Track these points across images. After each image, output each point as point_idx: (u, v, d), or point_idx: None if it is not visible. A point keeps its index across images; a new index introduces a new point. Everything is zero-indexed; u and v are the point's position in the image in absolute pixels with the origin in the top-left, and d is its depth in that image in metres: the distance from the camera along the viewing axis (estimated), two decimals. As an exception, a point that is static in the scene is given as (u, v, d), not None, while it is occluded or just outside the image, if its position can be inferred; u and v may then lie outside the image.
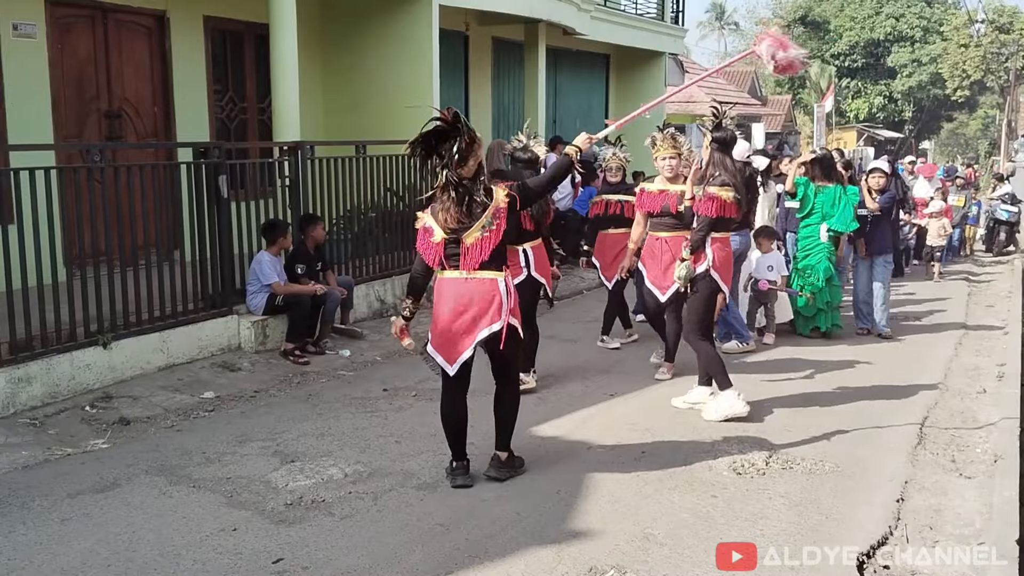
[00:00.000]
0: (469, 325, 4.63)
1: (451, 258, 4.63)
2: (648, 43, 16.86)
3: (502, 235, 4.62)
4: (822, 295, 8.59)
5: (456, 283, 4.65)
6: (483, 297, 4.62)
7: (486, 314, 4.62)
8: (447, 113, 4.51)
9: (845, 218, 8.62)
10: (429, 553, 4.08)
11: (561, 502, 4.68)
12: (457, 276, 4.64)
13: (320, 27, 11.02)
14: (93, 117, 8.76)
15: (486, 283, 4.63)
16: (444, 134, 4.49)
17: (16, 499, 4.62)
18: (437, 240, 4.62)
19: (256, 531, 4.29)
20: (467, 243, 4.58)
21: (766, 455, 5.32)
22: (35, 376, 5.92)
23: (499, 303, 4.63)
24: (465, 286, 4.63)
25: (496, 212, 4.59)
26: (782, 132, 32.60)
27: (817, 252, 8.64)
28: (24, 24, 8.02)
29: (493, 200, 4.61)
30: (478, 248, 4.57)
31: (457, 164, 4.50)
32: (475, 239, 4.57)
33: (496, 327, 4.61)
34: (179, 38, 9.45)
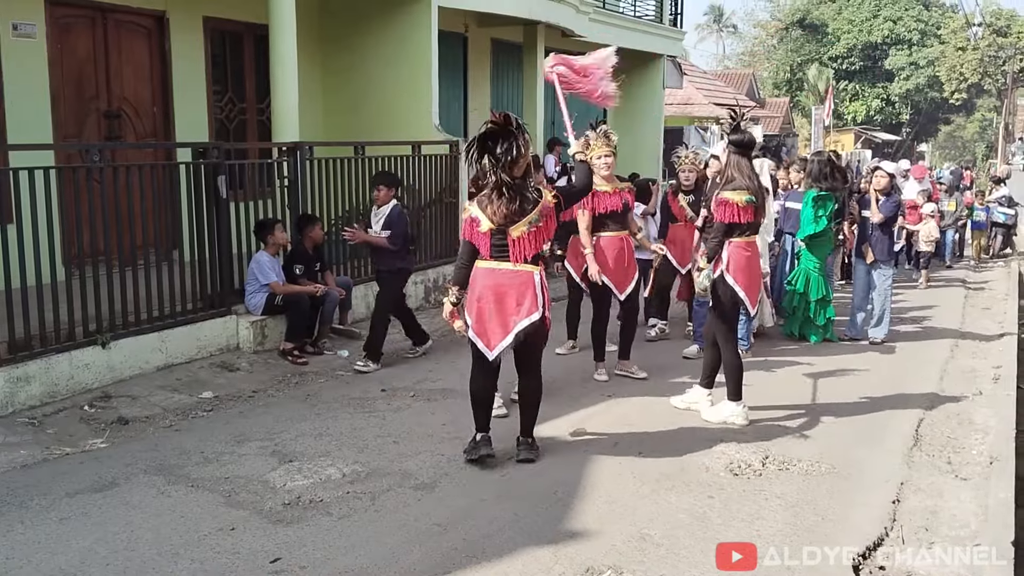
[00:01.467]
0: (509, 314, 4.89)
1: (496, 248, 4.87)
2: (646, 45, 16.87)
3: (550, 233, 4.96)
4: (806, 305, 8.48)
5: (496, 274, 4.89)
6: (521, 289, 4.88)
7: (523, 304, 4.88)
8: (499, 116, 4.73)
9: (804, 223, 8.43)
10: (427, 553, 4.10)
11: (558, 502, 4.69)
12: (497, 267, 4.89)
13: (319, 28, 11.04)
14: (92, 117, 8.77)
15: (523, 275, 4.89)
16: (496, 136, 4.70)
17: (15, 498, 4.63)
18: (484, 230, 4.86)
19: (254, 531, 4.30)
20: (513, 236, 4.83)
21: (762, 456, 5.34)
22: (34, 375, 5.92)
23: (535, 294, 4.89)
24: (505, 276, 4.89)
25: (544, 210, 4.86)
26: (780, 134, 32.63)
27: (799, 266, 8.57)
28: (24, 24, 8.03)
29: (543, 199, 4.88)
30: (526, 242, 4.84)
31: (510, 164, 4.71)
32: (521, 233, 4.82)
33: (536, 317, 4.89)
34: (178, 38, 9.46)
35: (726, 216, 5.90)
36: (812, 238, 8.41)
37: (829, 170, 8.63)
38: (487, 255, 4.91)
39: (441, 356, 7.77)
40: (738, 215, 5.88)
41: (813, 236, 8.39)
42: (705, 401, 6.19)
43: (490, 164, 4.73)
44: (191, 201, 7.07)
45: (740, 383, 6.03)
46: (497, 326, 4.91)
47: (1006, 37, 43.59)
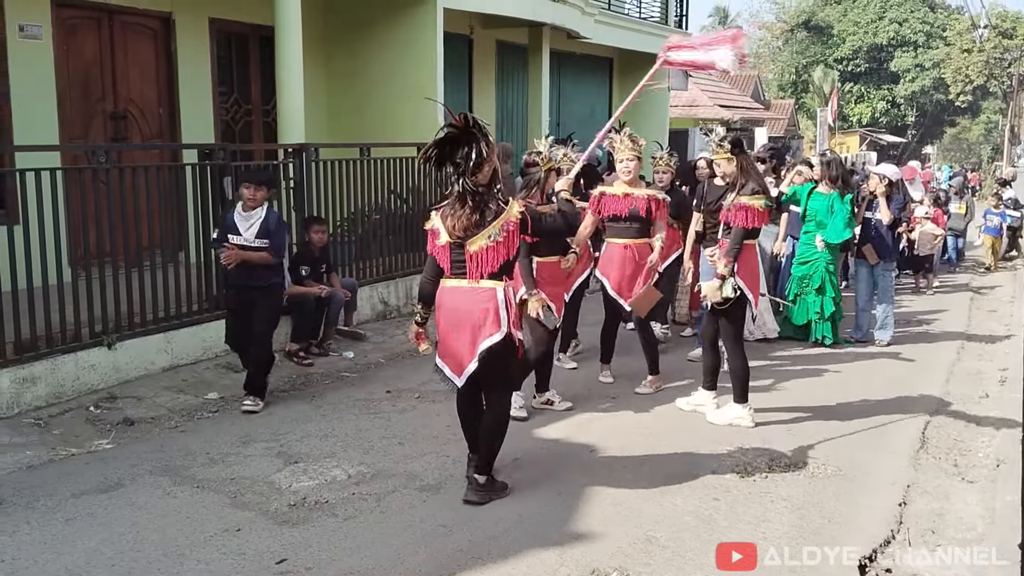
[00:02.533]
0: (471, 337, 4.48)
1: (456, 264, 4.50)
2: (651, 47, 16.79)
3: (512, 249, 4.49)
4: (813, 305, 8.44)
5: (455, 292, 4.50)
6: (480, 307, 4.45)
7: (484, 324, 4.45)
8: (459, 118, 4.32)
9: (837, 228, 8.38)
10: (432, 554, 4.10)
11: (563, 504, 4.69)
12: (457, 285, 4.50)
13: (324, 29, 11.05)
14: (99, 118, 8.79)
15: (483, 292, 4.46)
16: (457, 140, 4.31)
17: (21, 499, 4.64)
18: (442, 243, 4.49)
19: (260, 532, 4.30)
20: (471, 250, 4.43)
21: (768, 458, 5.33)
22: (40, 376, 5.93)
23: (495, 312, 4.45)
24: (463, 295, 4.48)
25: (506, 225, 4.42)
26: (785, 136, 32.60)
27: (815, 262, 8.46)
28: (30, 25, 8.05)
29: (506, 212, 4.45)
30: (483, 257, 4.42)
31: (472, 171, 4.33)
32: (479, 247, 4.41)
33: (496, 337, 4.45)
34: (184, 40, 9.48)
35: (748, 221, 5.85)
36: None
37: (846, 172, 8.72)
38: (448, 271, 4.53)
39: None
40: (757, 220, 5.90)
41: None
42: (711, 403, 6.18)
43: (452, 171, 4.38)
44: (197, 202, 7.08)
45: (747, 385, 6.03)
46: (463, 349, 4.51)
47: (1012, 39, 43.48)
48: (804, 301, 8.46)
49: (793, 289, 8.55)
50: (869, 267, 8.75)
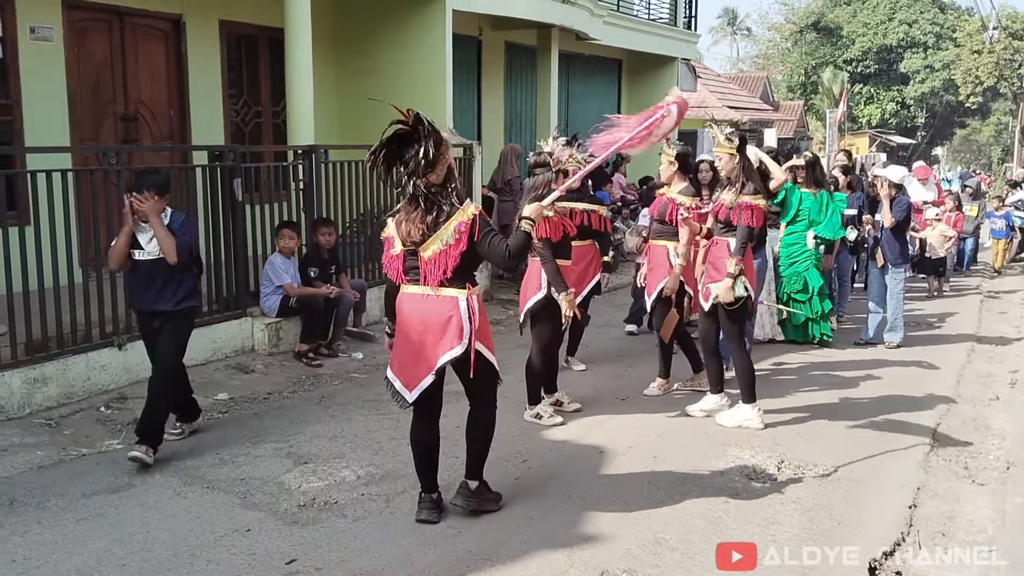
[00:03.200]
0: (428, 348, 4.19)
1: (411, 272, 4.23)
2: (660, 48, 16.88)
3: (465, 254, 4.14)
4: (811, 304, 8.41)
5: (414, 300, 4.23)
6: (440, 317, 4.17)
7: (444, 336, 4.17)
8: (408, 114, 4.07)
9: (832, 225, 8.42)
10: (441, 555, 4.10)
11: (573, 506, 4.69)
12: (416, 292, 4.23)
13: (334, 31, 11.07)
14: (109, 120, 8.82)
15: (445, 302, 4.17)
16: (407, 138, 4.07)
17: (32, 499, 4.66)
18: (396, 252, 4.23)
19: (269, 532, 4.32)
20: (424, 256, 4.15)
21: (778, 461, 5.32)
22: (51, 377, 5.96)
23: (458, 324, 4.16)
24: (423, 304, 4.21)
25: (459, 227, 4.11)
26: (794, 138, 32.53)
27: (803, 260, 8.43)
28: (41, 27, 8.09)
29: (459, 212, 4.15)
30: (437, 263, 4.13)
31: (424, 171, 4.06)
32: (433, 252, 4.13)
33: (457, 352, 4.16)
34: (195, 42, 9.51)
35: (755, 221, 5.84)
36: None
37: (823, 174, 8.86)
38: (404, 279, 4.26)
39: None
40: (761, 219, 5.91)
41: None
42: (723, 406, 6.17)
43: (403, 172, 4.08)
44: (207, 204, 7.11)
45: (754, 385, 6.02)
46: (419, 362, 4.22)
47: (1022, 40, 43.32)
48: (797, 302, 8.41)
49: (785, 289, 8.46)
50: (880, 269, 8.72)
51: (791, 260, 8.47)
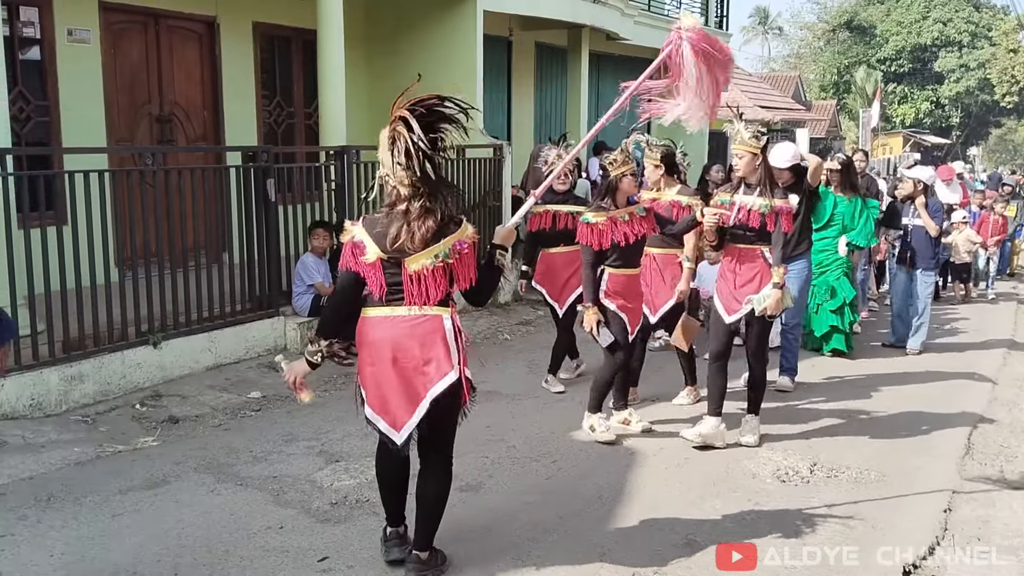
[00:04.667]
0: (414, 378, 3.60)
1: (393, 287, 3.58)
2: (692, 48, 16.77)
3: (464, 278, 3.64)
4: (837, 316, 8.07)
5: (389, 324, 3.58)
6: (423, 340, 3.58)
7: (432, 362, 3.58)
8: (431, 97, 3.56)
9: (866, 232, 8.12)
10: (472, 554, 4.11)
11: (603, 507, 4.69)
12: (391, 314, 3.58)
13: (365, 32, 11.13)
14: (145, 121, 8.93)
15: (428, 321, 3.58)
16: (431, 119, 3.54)
17: (69, 495, 4.73)
18: (371, 259, 3.55)
19: (302, 529, 4.35)
20: (410, 270, 3.54)
21: (810, 463, 5.28)
22: (87, 374, 6.05)
23: (446, 347, 3.58)
24: (404, 326, 3.57)
25: (459, 246, 3.58)
26: (827, 138, 32.26)
27: (835, 268, 8.07)
28: (79, 30, 8.20)
29: (460, 229, 3.62)
30: (426, 281, 3.54)
31: (431, 165, 3.54)
32: (422, 267, 3.53)
33: (451, 378, 3.58)
34: (229, 44, 9.61)
35: (790, 226, 5.48)
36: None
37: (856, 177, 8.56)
38: (377, 297, 3.59)
39: (484, 359, 7.78)
40: (792, 224, 5.61)
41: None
42: (720, 431, 5.62)
43: (407, 161, 3.48)
44: (240, 204, 7.17)
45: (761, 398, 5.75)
46: (402, 397, 3.61)
47: (1060, 39, 42.72)
48: (824, 311, 8.08)
49: (817, 299, 8.04)
50: (907, 273, 8.56)
51: (821, 268, 7.99)
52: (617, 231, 5.44)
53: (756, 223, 5.40)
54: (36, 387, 5.77)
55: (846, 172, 8.23)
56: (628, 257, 5.56)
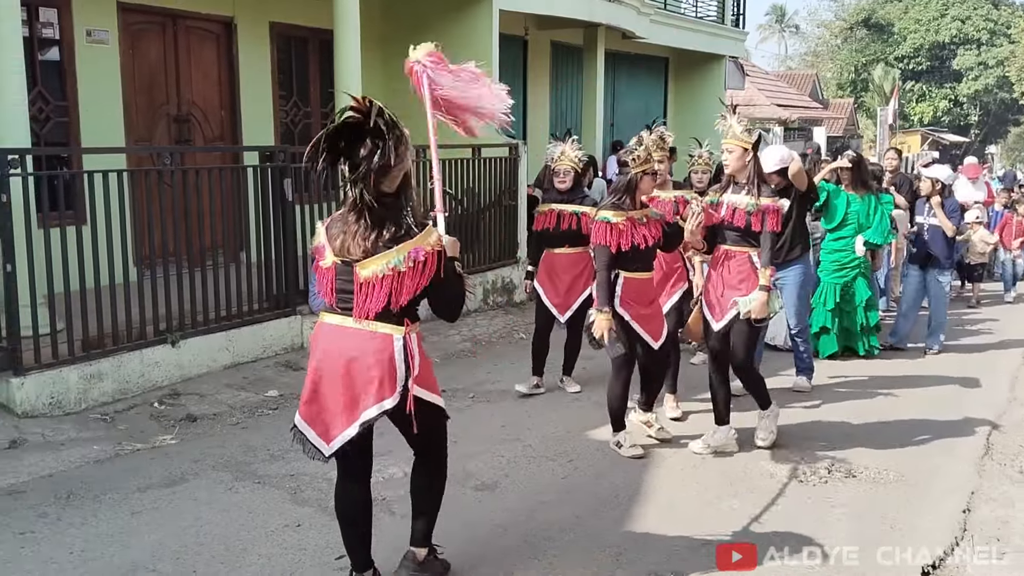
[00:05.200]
0: (351, 394, 3.38)
1: (341, 295, 3.39)
2: (708, 46, 16.75)
3: (418, 287, 3.32)
4: (856, 316, 7.95)
5: (338, 333, 3.38)
6: (367, 359, 3.33)
7: (372, 384, 3.33)
8: (363, 103, 3.27)
9: (882, 229, 7.94)
10: (488, 553, 4.12)
11: (619, 506, 4.68)
12: (341, 323, 3.38)
13: (382, 32, 11.15)
14: (163, 121, 8.99)
15: (376, 340, 3.33)
16: (360, 132, 3.27)
17: (88, 492, 4.76)
18: (327, 264, 3.39)
19: (319, 527, 4.36)
20: (360, 276, 3.31)
21: (828, 463, 5.26)
22: (106, 373, 6.09)
23: (391, 371, 3.33)
24: (348, 339, 3.36)
25: (415, 254, 3.28)
26: (844, 136, 32.09)
27: (851, 268, 7.93)
28: (97, 30, 8.26)
29: (420, 236, 3.32)
30: (376, 289, 3.28)
31: (377, 177, 3.27)
32: (372, 274, 3.28)
33: (387, 405, 3.34)
34: (246, 44, 9.65)
35: (778, 225, 5.26)
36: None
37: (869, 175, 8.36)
38: (331, 302, 3.40)
39: (500, 358, 7.80)
40: (781, 224, 5.33)
41: None
42: (732, 441, 5.51)
43: (350, 176, 3.28)
44: (258, 203, 7.20)
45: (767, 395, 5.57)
46: (339, 410, 3.39)
47: (1080, 36, 42.33)
48: (844, 312, 7.97)
49: (834, 300, 7.93)
50: (920, 272, 8.42)
51: (839, 267, 7.94)
52: (637, 232, 5.12)
53: (741, 222, 5.21)
54: (56, 385, 5.82)
55: (857, 170, 8.05)
56: (644, 260, 5.26)
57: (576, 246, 6.40)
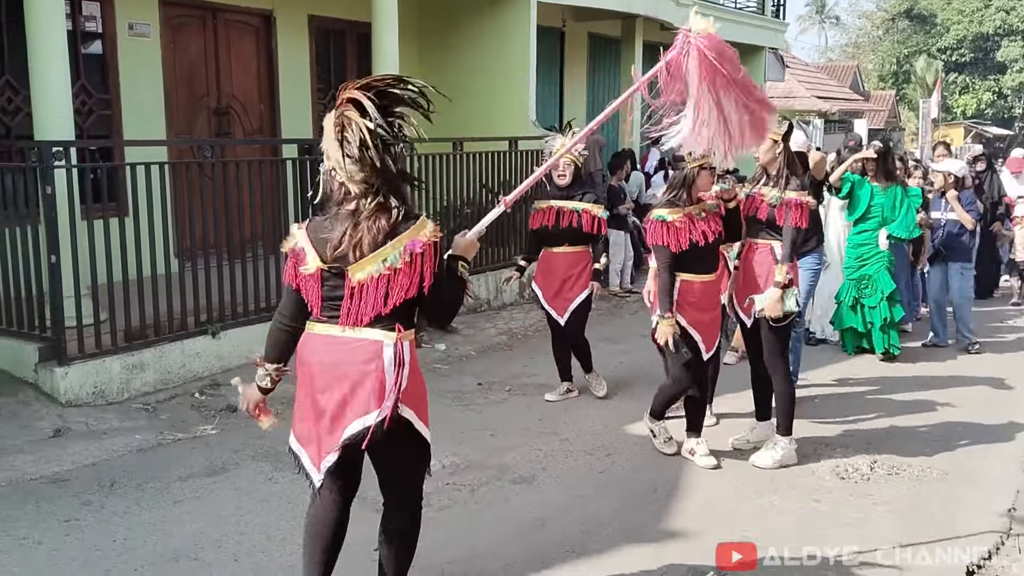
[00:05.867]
0: (336, 409, 3.04)
1: (328, 303, 3.03)
2: (748, 37, 16.55)
3: (415, 285, 2.97)
4: (878, 312, 7.62)
5: (327, 344, 3.03)
6: (355, 368, 2.99)
7: (357, 395, 2.99)
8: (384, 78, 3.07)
9: (907, 223, 7.72)
10: (526, 547, 4.11)
11: (658, 501, 4.65)
12: (328, 332, 3.03)
13: (419, 24, 11.16)
14: (203, 114, 9.06)
15: (363, 348, 2.98)
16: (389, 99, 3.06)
17: (131, 481, 4.82)
18: (311, 270, 3.01)
19: (357, 519, 4.30)
20: (354, 280, 2.97)
21: (871, 460, 5.19)
22: (148, 363, 6.16)
23: (378, 380, 2.97)
24: (340, 349, 3.01)
25: (412, 246, 2.97)
26: (885, 128, 31.65)
27: (874, 262, 7.68)
28: (139, 24, 8.34)
29: (414, 228, 3.00)
30: (371, 291, 2.96)
31: (389, 155, 3.02)
32: (368, 276, 2.95)
33: (369, 420, 2.96)
34: (285, 37, 9.70)
35: (803, 220, 5.01)
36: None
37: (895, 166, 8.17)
38: (317, 311, 3.05)
39: (536, 351, 7.78)
40: (807, 219, 5.09)
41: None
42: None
43: (361, 152, 2.95)
44: (297, 196, 7.24)
45: (793, 415, 5.22)
46: (332, 430, 3.06)
47: None
48: (865, 307, 7.70)
49: (852, 294, 7.74)
50: (942, 268, 8.20)
51: (861, 262, 7.73)
52: (695, 229, 4.85)
53: (764, 215, 5.07)
54: (99, 375, 5.90)
55: (883, 160, 7.81)
56: (706, 260, 4.97)
57: (576, 245, 6.14)
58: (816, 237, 6.49)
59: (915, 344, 8.34)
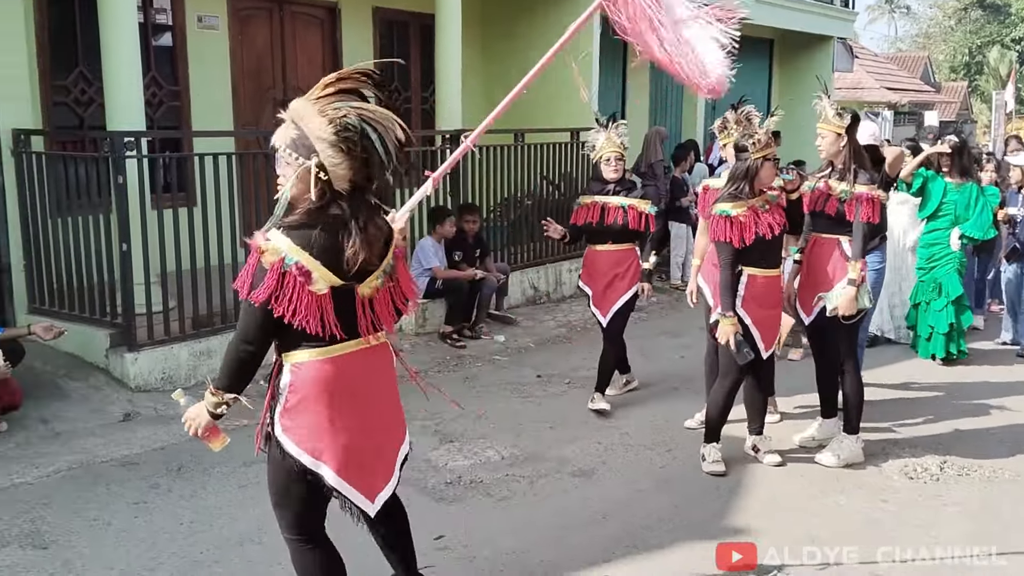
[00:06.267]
0: (387, 433, 2.93)
1: (346, 320, 2.74)
2: (815, 27, 16.24)
3: (409, 287, 2.92)
4: (943, 316, 7.28)
5: (354, 364, 2.79)
6: (389, 381, 2.91)
7: (396, 409, 2.96)
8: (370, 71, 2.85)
9: (983, 223, 7.39)
10: (586, 540, 4.09)
11: (720, 497, 4.60)
12: (356, 349, 2.79)
13: (482, 14, 11.15)
14: (269, 105, 9.16)
15: (386, 357, 2.90)
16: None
17: (198, 465, 4.91)
18: (323, 289, 2.65)
19: (418, 507, 4.38)
20: (362, 294, 2.75)
21: (940, 461, 5.06)
22: (215, 350, 6.26)
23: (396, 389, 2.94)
24: (368, 367, 2.83)
25: (398, 251, 2.89)
26: (957, 120, 30.81)
27: (944, 263, 7.35)
28: (208, 16, 8.47)
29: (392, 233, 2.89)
30: (382, 305, 2.81)
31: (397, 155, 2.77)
32: (374, 289, 2.78)
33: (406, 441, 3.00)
34: (349, 29, 9.77)
35: (874, 216, 4.84)
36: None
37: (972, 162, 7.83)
38: (339, 333, 2.71)
39: (595, 344, 7.69)
40: (879, 215, 4.90)
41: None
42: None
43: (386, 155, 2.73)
44: (360, 186, 7.28)
45: (861, 414, 5.12)
46: (380, 456, 2.91)
47: None
48: (931, 310, 7.38)
49: (920, 296, 7.47)
50: (1019, 268, 7.78)
51: (931, 263, 7.43)
52: (761, 222, 4.66)
53: (832, 210, 4.90)
54: (167, 361, 6.02)
55: (958, 156, 7.47)
56: (769, 254, 4.79)
57: (621, 242, 5.86)
58: (880, 235, 6.31)
59: (986, 345, 8.07)
